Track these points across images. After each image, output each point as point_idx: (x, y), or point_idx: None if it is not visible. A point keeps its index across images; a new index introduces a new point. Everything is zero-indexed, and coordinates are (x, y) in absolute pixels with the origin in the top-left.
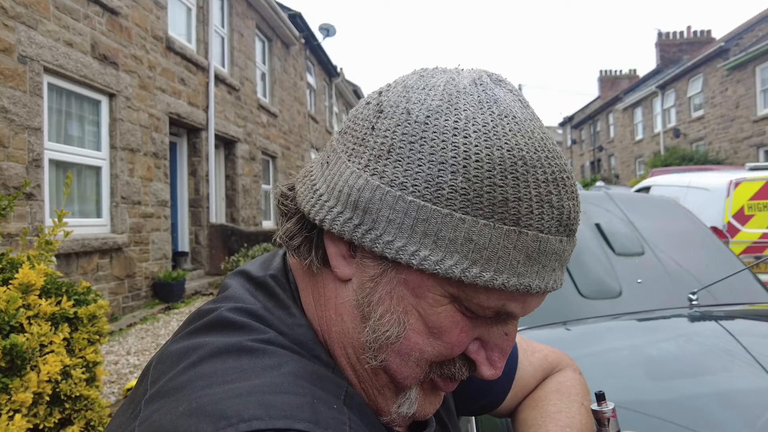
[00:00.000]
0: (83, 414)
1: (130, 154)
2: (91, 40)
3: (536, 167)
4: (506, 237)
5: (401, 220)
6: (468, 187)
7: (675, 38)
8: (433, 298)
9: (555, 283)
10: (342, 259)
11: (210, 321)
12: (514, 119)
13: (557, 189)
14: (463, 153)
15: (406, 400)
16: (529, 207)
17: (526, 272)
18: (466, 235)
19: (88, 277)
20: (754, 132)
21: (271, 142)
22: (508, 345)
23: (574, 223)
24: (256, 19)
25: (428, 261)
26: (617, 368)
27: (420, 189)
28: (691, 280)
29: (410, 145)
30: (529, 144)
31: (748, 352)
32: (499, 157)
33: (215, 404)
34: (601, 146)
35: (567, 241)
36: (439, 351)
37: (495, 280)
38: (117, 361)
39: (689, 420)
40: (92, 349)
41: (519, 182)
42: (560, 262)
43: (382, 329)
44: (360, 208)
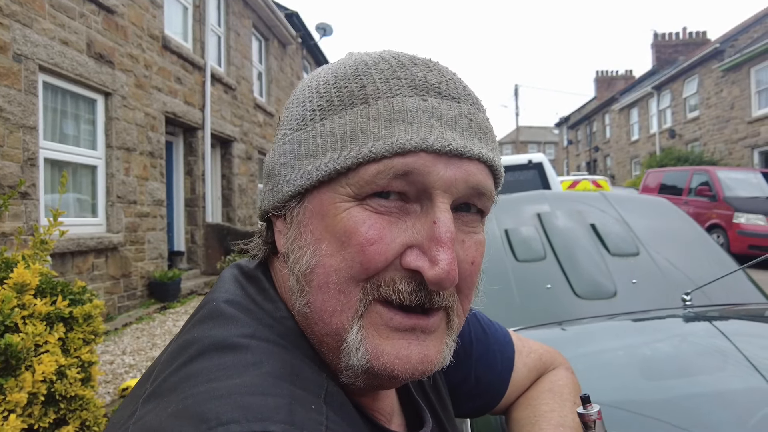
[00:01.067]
0: (78, 414)
1: (126, 154)
2: (87, 39)
3: (378, 63)
4: (359, 114)
5: (288, 158)
6: (321, 102)
7: (671, 39)
8: (334, 207)
9: (443, 140)
10: (280, 235)
11: (205, 312)
12: (365, 53)
13: (403, 68)
14: (315, 85)
15: (346, 347)
16: (374, 87)
17: (390, 134)
18: (329, 133)
19: (83, 276)
20: (749, 133)
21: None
22: (441, 232)
23: (440, 87)
24: (252, 18)
25: (311, 173)
26: (612, 368)
27: (293, 127)
28: (686, 281)
29: (287, 109)
30: (375, 56)
31: (741, 352)
32: (343, 71)
33: (197, 405)
34: (597, 147)
35: (438, 101)
36: (353, 258)
37: (361, 152)
38: (112, 360)
39: (683, 420)
40: (87, 348)
41: (361, 77)
42: (441, 121)
43: (297, 266)
44: (269, 174)
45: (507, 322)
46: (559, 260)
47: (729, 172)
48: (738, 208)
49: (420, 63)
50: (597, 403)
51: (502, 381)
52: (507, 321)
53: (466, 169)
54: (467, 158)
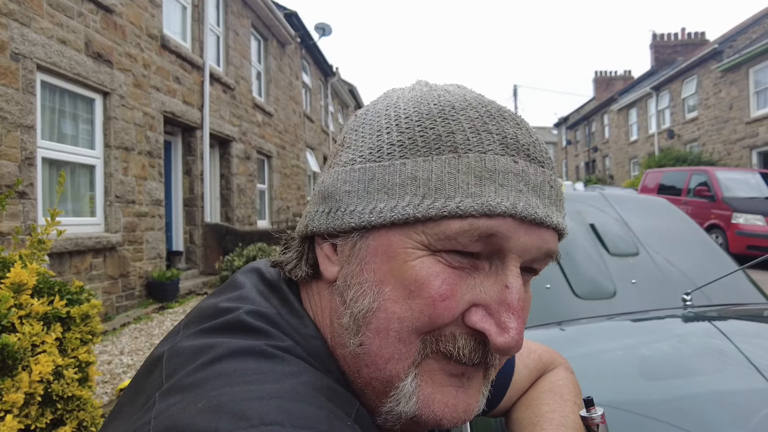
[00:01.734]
0: (75, 414)
1: (124, 153)
2: (85, 38)
3: (466, 109)
4: (447, 164)
5: (355, 187)
6: (402, 138)
7: (669, 40)
8: (404, 252)
9: (530, 207)
10: (327, 260)
11: (228, 322)
12: (444, 90)
13: (493, 120)
14: (394, 116)
15: (398, 393)
16: (465, 137)
17: (480, 192)
18: (411, 175)
19: (81, 276)
20: (747, 134)
21: (267, 142)
22: (513, 299)
23: (529, 149)
24: (251, 17)
25: (384, 211)
26: (611, 368)
27: (365, 156)
28: (685, 281)
29: (355, 132)
30: (458, 98)
31: (742, 352)
32: (427, 110)
33: (236, 404)
34: (596, 147)
35: (527, 164)
36: (421, 311)
37: (448, 205)
38: (110, 360)
39: (682, 420)
40: (85, 348)
41: (449, 121)
42: (528, 186)
43: (356, 305)
44: (326, 197)
45: None
46: (558, 260)
47: (728, 172)
48: (736, 208)
49: (509, 118)
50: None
51: (502, 384)
52: None
53: (543, 237)
54: (545, 227)
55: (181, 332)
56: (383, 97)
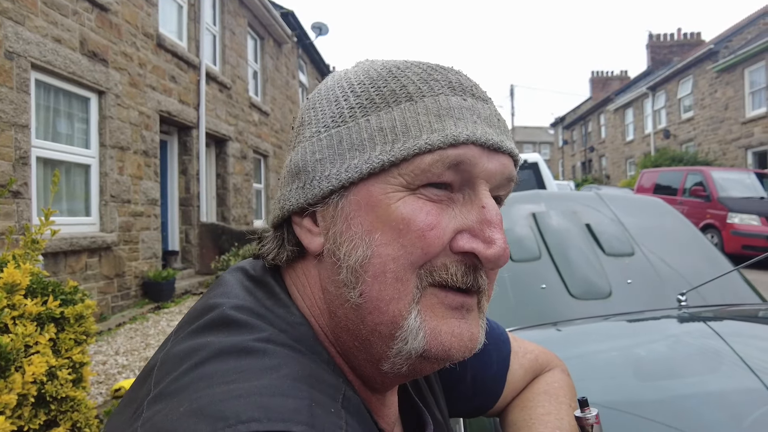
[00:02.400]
0: (69, 415)
1: (119, 152)
2: (80, 37)
3: (410, 66)
4: (408, 110)
5: (325, 154)
6: (360, 100)
7: (666, 40)
8: (386, 197)
9: (487, 135)
10: (309, 234)
11: (212, 319)
12: (386, 60)
13: (435, 71)
14: (347, 85)
15: (404, 332)
16: (415, 86)
17: (442, 127)
18: (376, 127)
19: (76, 276)
20: (743, 134)
21: (263, 141)
22: (492, 215)
23: (473, 89)
24: (248, 17)
25: (359, 165)
26: (607, 369)
27: (328, 124)
28: (681, 281)
29: (312, 110)
30: (400, 61)
31: (736, 353)
32: (376, 73)
33: (214, 405)
34: (593, 147)
35: (474, 101)
36: (413, 244)
37: (417, 143)
38: (105, 361)
39: (677, 421)
40: (79, 349)
41: (398, 78)
42: (482, 119)
43: (350, 258)
44: (297, 172)
45: (502, 322)
46: (554, 260)
47: (723, 172)
48: (732, 208)
49: (448, 68)
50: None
51: (497, 382)
52: (502, 321)
53: (502, 162)
54: (502, 152)
55: (172, 338)
56: (329, 77)
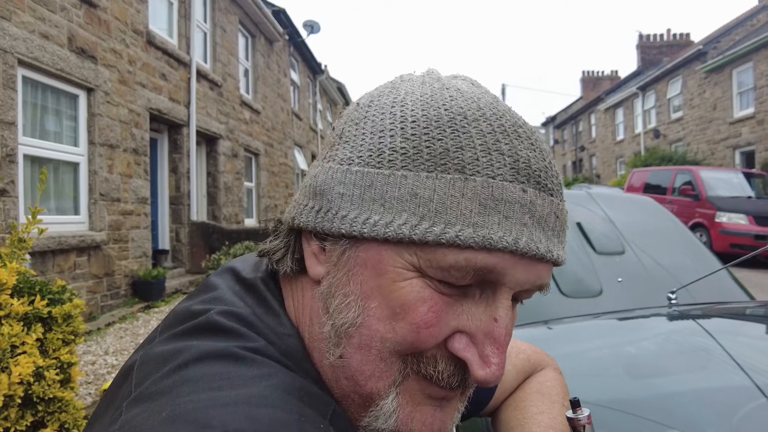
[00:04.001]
0: (57, 416)
1: (109, 150)
2: (68, 33)
3: (479, 120)
4: (451, 185)
5: (351, 191)
6: (406, 146)
7: (655, 40)
8: (394, 271)
9: (532, 243)
10: (314, 258)
11: (199, 324)
12: (457, 90)
13: (507, 138)
14: (400, 118)
15: (377, 410)
16: (474, 155)
17: (482, 222)
18: (411, 191)
19: (65, 275)
20: (731, 134)
21: (254, 139)
22: (500, 333)
23: (540, 175)
24: (239, 14)
25: (378, 225)
26: (598, 367)
27: (364, 158)
28: (671, 279)
29: (356, 126)
30: (471, 104)
31: (725, 350)
32: (436, 115)
33: (199, 411)
34: (583, 146)
35: (536, 194)
36: (403, 336)
37: (446, 232)
38: (94, 361)
39: (667, 418)
40: (67, 349)
41: (459, 134)
42: (534, 219)
43: (340, 317)
44: (318, 193)
45: None
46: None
47: (712, 171)
48: (720, 207)
49: (523, 136)
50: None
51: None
52: None
53: (539, 272)
54: (544, 261)
55: (156, 338)
56: (390, 88)
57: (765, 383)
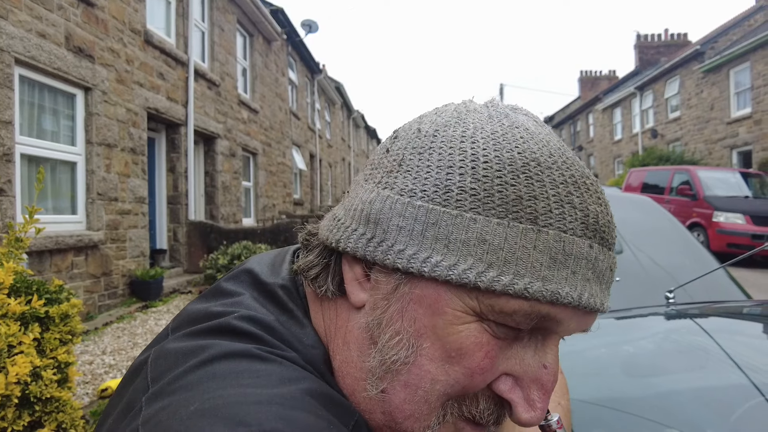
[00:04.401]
0: (54, 416)
1: (106, 150)
2: (66, 32)
3: (552, 168)
4: (523, 236)
5: (411, 226)
6: (477, 187)
7: (653, 40)
8: (452, 314)
9: (593, 297)
10: (357, 284)
11: (219, 325)
12: (526, 130)
13: (578, 190)
14: (471, 155)
15: None
16: (547, 205)
17: (551, 276)
18: (479, 236)
19: (62, 275)
20: (728, 134)
21: (252, 139)
22: (549, 381)
23: (604, 230)
24: (237, 13)
25: (440, 266)
26: (596, 366)
27: (429, 193)
28: (668, 279)
29: (419, 155)
30: (543, 149)
31: (722, 349)
32: (509, 158)
33: (231, 407)
34: (581, 146)
35: (600, 249)
36: (456, 380)
37: (515, 284)
38: (92, 361)
39: (664, 417)
40: (64, 349)
41: (533, 181)
42: (595, 274)
43: (390, 353)
44: (372, 221)
45: None
46: None
47: (709, 171)
48: (717, 207)
49: (592, 189)
50: (582, 400)
51: None
52: None
53: (589, 322)
54: (597, 312)
55: (169, 336)
56: (456, 120)
57: (762, 382)
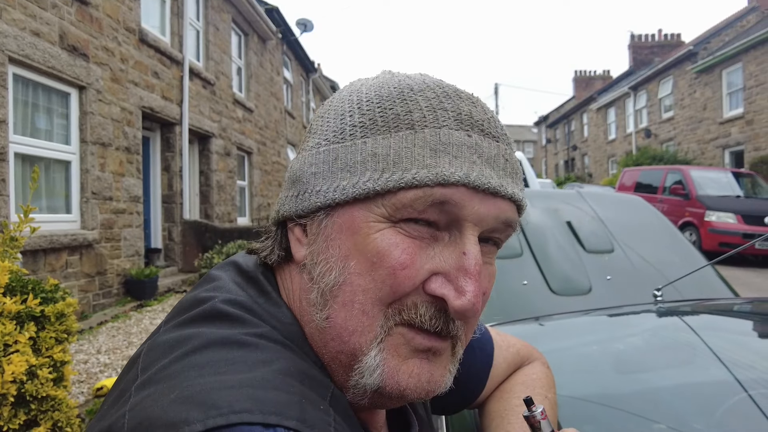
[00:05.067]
0: (50, 415)
1: (101, 149)
2: (60, 31)
3: (424, 90)
4: (404, 140)
5: (321, 168)
6: (363, 119)
7: (647, 41)
8: (366, 226)
9: (483, 177)
10: (298, 243)
11: (204, 311)
12: (405, 75)
13: (449, 99)
14: (357, 100)
15: (362, 367)
16: (421, 115)
17: (434, 164)
18: (371, 152)
19: (56, 274)
20: (720, 134)
21: (247, 138)
22: (470, 264)
23: (482, 124)
24: (232, 12)
25: (346, 188)
26: (586, 363)
27: (329, 139)
28: (658, 277)
29: (321, 118)
30: (417, 80)
31: (708, 346)
32: (387, 91)
33: (206, 393)
34: (575, 145)
35: (481, 138)
36: (383, 281)
37: (404, 177)
38: (87, 360)
39: (652, 412)
40: (60, 348)
41: (407, 101)
42: (482, 158)
43: (323, 281)
44: (295, 180)
45: (484, 317)
46: (535, 257)
47: (702, 171)
48: (709, 206)
49: (464, 97)
50: (572, 396)
51: (480, 378)
52: (484, 316)
53: (499, 206)
54: (500, 196)
55: (162, 328)
56: (348, 86)
57: (745, 378)
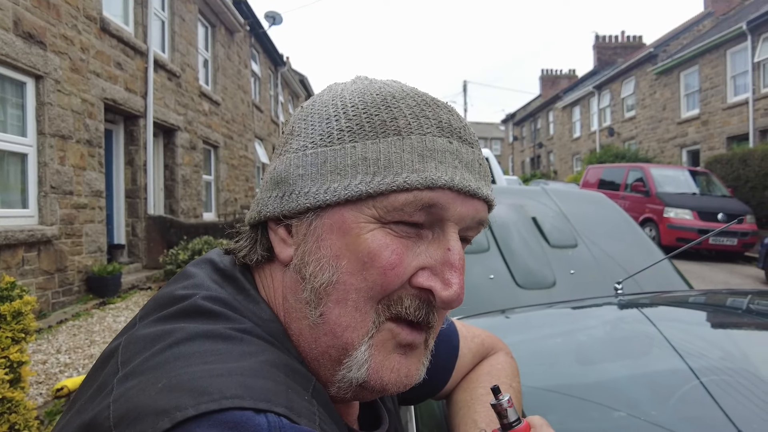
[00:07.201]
0: (7, 417)
1: (60, 141)
2: (14, 16)
3: (405, 98)
4: (393, 145)
5: (308, 170)
6: (351, 124)
7: (611, 42)
8: (357, 227)
9: (465, 181)
10: (282, 243)
11: (185, 308)
12: (382, 82)
13: (429, 107)
14: (341, 105)
15: (351, 361)
16: (406, 122)
17: (423, 168)
18: (361, 156)
19: (12, 271)
20: (678, 133)
21: (213, 131)
22: (455, 259)
23: (460, 131)
24: (198, 3)
25: (338, 190)
26: (550, 354)
27: (316, 142)
28: (619, 271)
29: (303, 121)
30: (396, 88)
31: (664, 336)
32: (370, 98)
33: (196, 381)
34: (541, 143)
35: (460, 144)
36: (374, 281)
37: (396, 180)
38: (46, 360)
39: (612, 401)
40: (17, 348)
41: (391, 108)
42: (462, 163)
43: (316, 280)
44: (280, 182)
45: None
46: (501, 252)
47: (661, 169)
48: (668, 203)
49: (442, 106)
50: (536, 387)
51: (446, 369)
52: None
53: (476, 207)
54: (477, 198)
55: (138, 324)
56: (327, 90)
57: (698, 366)
